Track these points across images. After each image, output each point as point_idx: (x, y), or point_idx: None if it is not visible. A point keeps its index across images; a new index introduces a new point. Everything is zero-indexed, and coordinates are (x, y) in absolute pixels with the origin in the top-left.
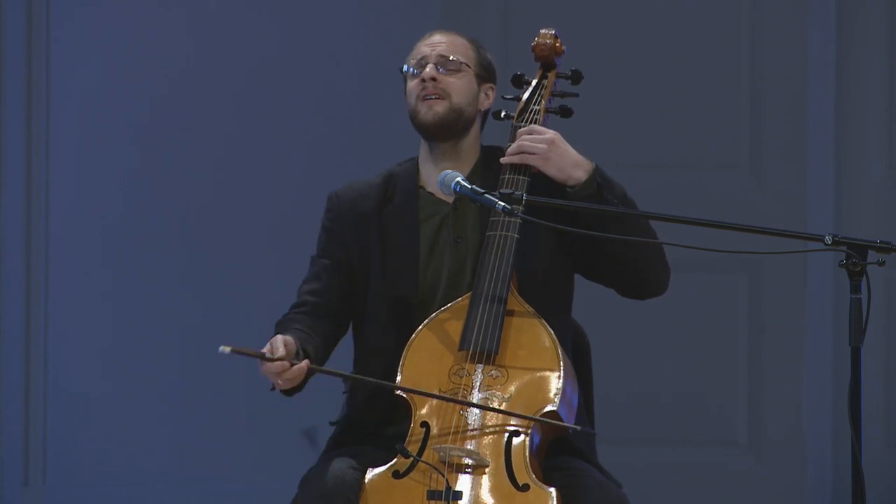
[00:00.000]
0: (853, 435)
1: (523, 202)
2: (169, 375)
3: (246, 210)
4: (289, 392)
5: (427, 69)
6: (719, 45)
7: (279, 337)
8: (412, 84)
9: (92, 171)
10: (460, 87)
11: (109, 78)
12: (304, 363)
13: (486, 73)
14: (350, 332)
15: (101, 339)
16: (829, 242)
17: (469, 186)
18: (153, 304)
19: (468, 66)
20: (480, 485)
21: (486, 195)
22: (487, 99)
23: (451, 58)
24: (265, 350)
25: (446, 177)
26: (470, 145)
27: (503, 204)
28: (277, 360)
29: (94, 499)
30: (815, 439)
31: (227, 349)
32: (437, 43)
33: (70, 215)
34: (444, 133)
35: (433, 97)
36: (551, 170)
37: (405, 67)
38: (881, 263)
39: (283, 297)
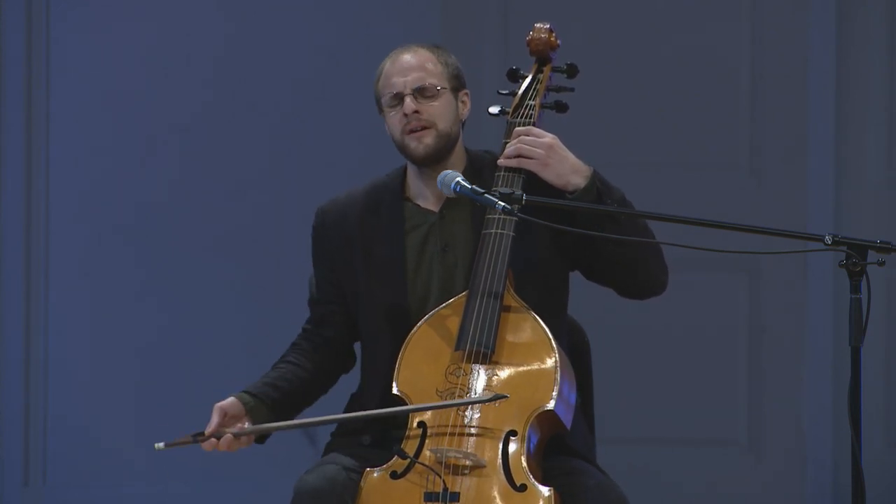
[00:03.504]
0: (853, 435)
1: (523, 202)
2: (169, 375)
3: (246, 209)
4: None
5: (407, 102)
6: (719, 45)
7: (217, 407)
8: (394, 119)
9: (92, 170)
10: (443, 112)
11: (109, 77)
12: (229, 435)
13: (458, 82)
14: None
15: (102, 339)
16: (829, 242)
17: (469, 186)
18: (153, 303)
19: (443, 87)
20: (478, 486)
21: (485, 195)
22: (465, 106)
23: (426, 85)
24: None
25: (446, 177)
26: (457, 157)
27: (503, 204)
28: (209, 438)
29: (94, 499)
30: (815, 439)
31: (162, 445)
32: (408, 70)
33: (70, 214)
34: (437, 160)
35: (419, 129)
36: (550, 175)
37: (383, 97)
38: (881, 263)
39: (282, 298)
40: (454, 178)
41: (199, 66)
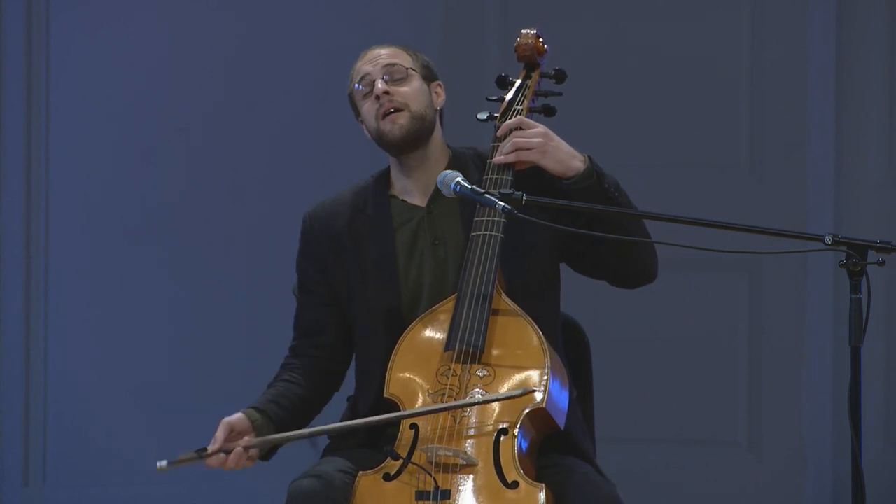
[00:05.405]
0: (853, 435)
1: (523, 201)
2: (169, 375)
3: (246, 210)
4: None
5: (378, 85)
6: (719, 45)
7: (224, 422)
8: (367, 106)
9: (91, 171)
10: (414, 94)
11: (109, 78)
12: (238, 449)
13: (429, 73)
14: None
15: (101, 340)
16: (829, 242)
17: (469, 186)
18: (153, 304)
19: (413, 69)
20: (469, 483)
21: (485, 195)
22: (439, 97)
23: (395, 65)
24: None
25: (446, 177)
26: (437, 149)
27: (503, 204)
28: (213, 455)
29: (93, 499)
30: (815, 439)
31: (164, 464)
32: (377, 57)
33: (70, 215)
34: (414, 144)
35: (393, 111)
36: (550, 162)
37: (356, 86)
38: (881, 263)
39: (283, 302)
40: (454, 178)
41: (200, 66)
